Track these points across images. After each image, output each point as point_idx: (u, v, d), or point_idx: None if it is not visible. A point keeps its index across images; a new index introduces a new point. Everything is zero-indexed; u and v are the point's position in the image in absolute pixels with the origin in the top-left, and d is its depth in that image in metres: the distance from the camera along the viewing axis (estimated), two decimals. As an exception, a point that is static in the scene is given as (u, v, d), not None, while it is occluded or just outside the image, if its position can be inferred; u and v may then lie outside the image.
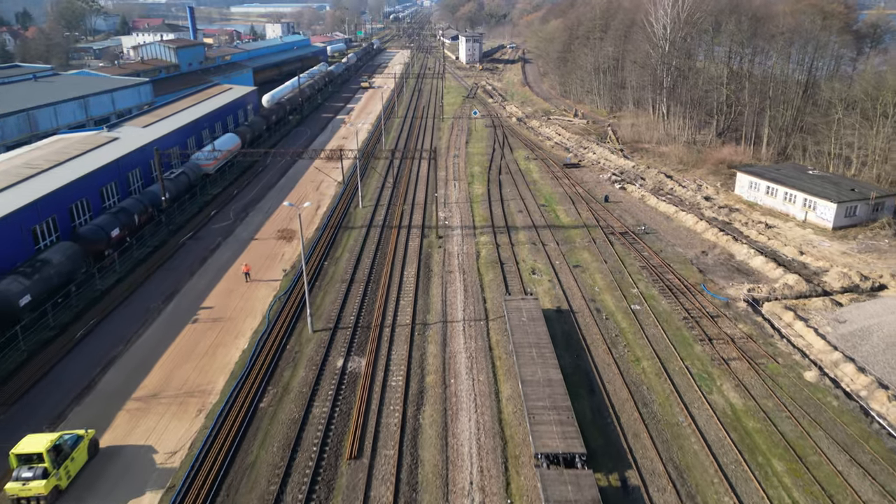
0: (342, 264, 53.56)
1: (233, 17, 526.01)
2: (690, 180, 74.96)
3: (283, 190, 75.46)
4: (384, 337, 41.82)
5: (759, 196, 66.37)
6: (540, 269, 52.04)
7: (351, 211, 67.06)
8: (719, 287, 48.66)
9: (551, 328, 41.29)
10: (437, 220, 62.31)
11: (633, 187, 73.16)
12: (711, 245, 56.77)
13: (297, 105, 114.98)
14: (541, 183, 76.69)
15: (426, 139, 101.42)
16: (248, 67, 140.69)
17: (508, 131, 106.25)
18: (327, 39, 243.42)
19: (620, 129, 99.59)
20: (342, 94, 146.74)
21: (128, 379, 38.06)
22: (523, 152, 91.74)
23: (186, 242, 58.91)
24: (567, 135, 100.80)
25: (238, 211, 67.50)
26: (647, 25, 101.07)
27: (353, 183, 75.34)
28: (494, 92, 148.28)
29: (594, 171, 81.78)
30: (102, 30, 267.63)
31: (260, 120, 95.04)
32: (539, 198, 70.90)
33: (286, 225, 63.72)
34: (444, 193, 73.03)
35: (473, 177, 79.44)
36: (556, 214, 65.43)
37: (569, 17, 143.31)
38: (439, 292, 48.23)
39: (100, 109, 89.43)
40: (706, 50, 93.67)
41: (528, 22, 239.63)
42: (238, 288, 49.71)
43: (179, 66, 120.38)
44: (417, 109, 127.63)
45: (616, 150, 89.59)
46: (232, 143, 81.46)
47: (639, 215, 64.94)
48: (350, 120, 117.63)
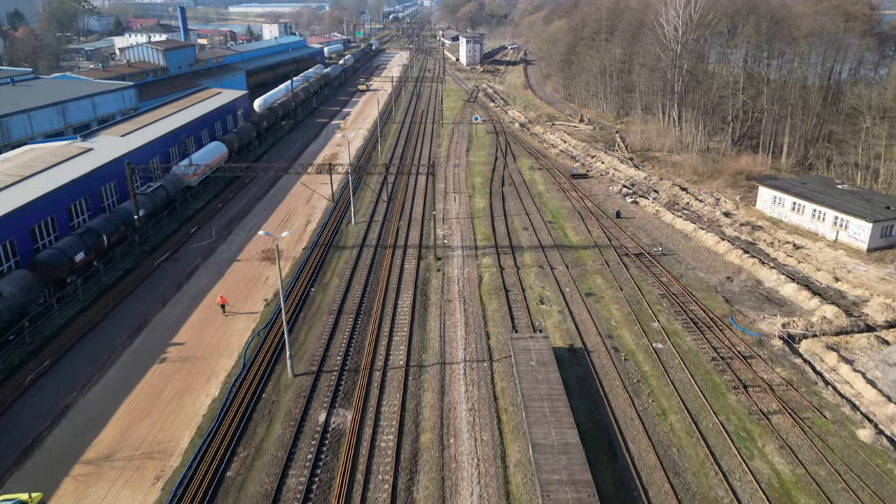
0: (331, 291, 48.56)
1: (231, 16, 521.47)
2: (707, 193, 69.96)
3: (272, 202, 70.52)
4: (374, 383, 36.84)
5: (783, 212, 61.39)
6: (549, 297, 47.06)
7: (343, 228, 62.06)
8: (749, 320, 43.68)
9: (564, 372, 36.35)
10: (436, 238, 57.34)
11: (646, 201, 68.17)
12: (736, 269, 51.77)
13: (290, 110, 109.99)
14: (547, 196, 71.70)
15: (425, 147, 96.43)
16: (240, 70, 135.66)
17: (511, 138, 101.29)
18: (325, 40, 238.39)
19: (629, 136, 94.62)
20: (338, 97, 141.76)
21: (79, 435, 33.10)
22: (527, 161, 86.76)
23: (162, 265, 53.93)
24: (573, 142, 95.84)
25: (221, 228, 62.51)
26: (657, 27, 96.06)
27: (347, 196, 70.35)
28: (496, 95, 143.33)
29: (603, 182, 76.78)
30: (96, 30, 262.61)
31: (249, 127, 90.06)
32: (545, 213, 65.93)
33: (272, 244, 58.71)
34: (443, 208, 68.04)
35: (475, 189, 74.46)
36: (565, 232, 60.44)
37: (573, 18, 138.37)
38: (437, 326, 43.26)
39: (79, 116, 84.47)
40: (720, 53, 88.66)
41: (531, 23, 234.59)
42: (214, 320, 44.74)
43: (168, 68, 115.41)
44: (416, 114, 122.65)
45: (625, 160, 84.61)
46: (217, 152, 76.46)
47: (654, 233, 59.96)
48: (345, 126, 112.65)
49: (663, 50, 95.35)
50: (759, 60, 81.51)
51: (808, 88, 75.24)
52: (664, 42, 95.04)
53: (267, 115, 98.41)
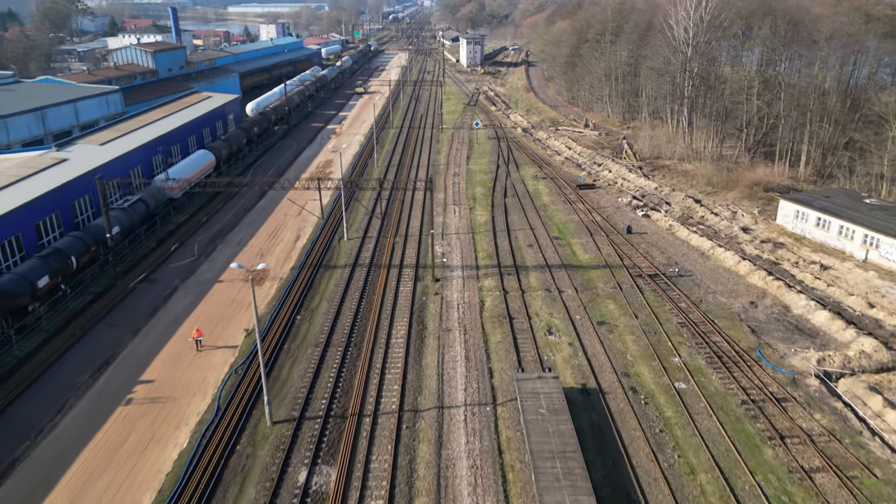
0: (318, 319, 44.42)
1: (229, 17, 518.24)
2: (723, 206, 65.79)
3: (261, 215, 66.41)
4: (363, 432, 32.69)
5: (807, 228, 57.23)
6: (557, 326, 42.93)
7: (335, 244, 57.90)
8: (779, 355, 39.54)
9: (577, 418, 32.25)
10: (434, 256, 53.22)
11: (658, 215, 64.01)
12: (760, 293, 47.61)
13: (284, 114, 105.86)
14: (552, 208, 67.55)
15: (423, 154, 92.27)
16: (234, 72, 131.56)
17: (513, 144, 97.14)
18: (323, 41, 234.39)
19: (637, 143, 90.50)
20: (335, 100, 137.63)
21: (24, 500, 28.97)
22: (531, 170, 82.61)
23: (137, 287, 49.81)
24: (578, 149, 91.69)
25: (204, 244, 58.37)
26: (666, 29, 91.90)
27: (339, 209, 66.24)
28: (497, 98, 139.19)
29: (611, 193, 72.61)
30: (90, 31, 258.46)
31: (239, 133, 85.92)
32: (551, 227, 61.78)
33: (259, 262, 54.57)
34: (442, 221, 63.89)
35: (476, 200, 70.30)
36: (573, 250, 56.28)
37: (577, 19, 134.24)
38: (435, 361, 39.12)
39: (60, 122, 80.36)
40: (734, 56, 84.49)
41: (532, 23, 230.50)
42: (189, 352, 40.62)
43: (157, 71, 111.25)
44: (415, 118, 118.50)
45: (634, 168, 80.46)
46: (204, 161, 72.37)
47: (668, 251, 55.80)
48: (341, 131, 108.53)
49: (673, 52, 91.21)
50: (775, 64, 77.30)
51: (828, 93, 71.01)
52: (674, 44, 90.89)
53: (259, 121, 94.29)
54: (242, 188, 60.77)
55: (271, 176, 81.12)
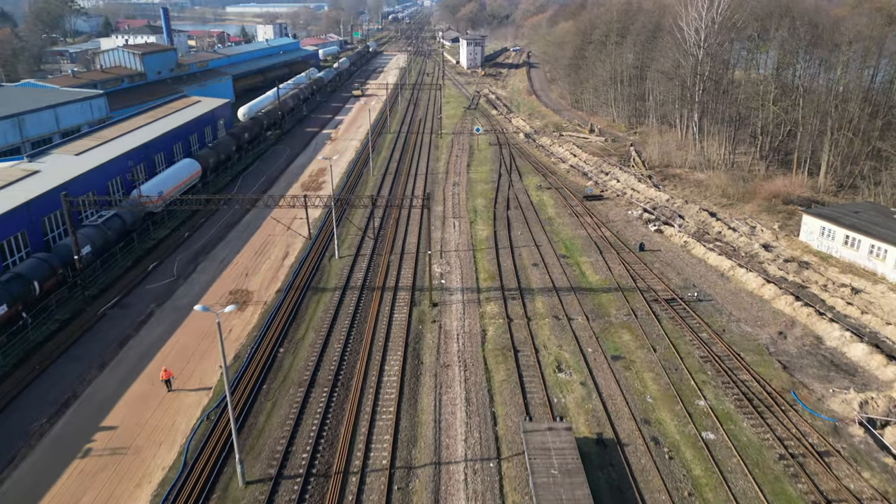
0: (303, 352, 40.34)
1: (228, 17, 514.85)
2: (740, 220, 61.70)
3: (248, 229, 62.34)
4: (348, 495, 28.60)
5: (834, 246, 53.14)
6: (567, 361, 38.85)
7: (325, 263, 53.81)
8: (816, 396, 35.46)
9: (593, 478, 28.23)
10: (432, 276, 49.16)
11: (672, 230, 59.92)
12: (788, 321, 43.52)
13: (277, 119, 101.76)
14: (558, 222, 63.45)
15: (421, 161, 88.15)
16: (227, 75, 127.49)
17: (516, 151, 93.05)
18: (320, 41, 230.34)
19: (645, 150, 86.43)
20: (331, 103, 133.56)
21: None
22: (534, 179, 78.51)
23: (108, 313, 45.76)
24: (584, 156, 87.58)
25: (185, 263, 54.29)
26: (675, 30, 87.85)
27: (331, 224, 62.19)
28: (498, 102, 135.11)
29: (620, 205, 68.51)
30: (85, 31, 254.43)
31: (228, 140, 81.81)
32: (557, 243, 57.69)
33: (242, 283, 50.60)
34: (440, 237, 59.81)
35: (476, 213, 66.19)
36: (582, 269, 52.17)
37: (580, 20, 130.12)
38: (431, 403, 35.05)
39: (39, 129, 76.23)
40: (748, 59, 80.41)
41: (534, 24, 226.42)
42: (158, 391, 36.55)
43: (145, 74, 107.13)
44: (413, 123, 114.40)
45: (643, 177, 76.35)
46: (188, 171, 68.30)
47: (685, 271, 51.71)
48: (337, 136, 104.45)
49: (682, 55, 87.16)
50: (793, 68, 73.19)
51: (851, 99, 66.90)
52: (684, 47, 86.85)
53: (250, 126, 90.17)
54: (221, 206, 56.25)
55: (262, 185, 77.21)
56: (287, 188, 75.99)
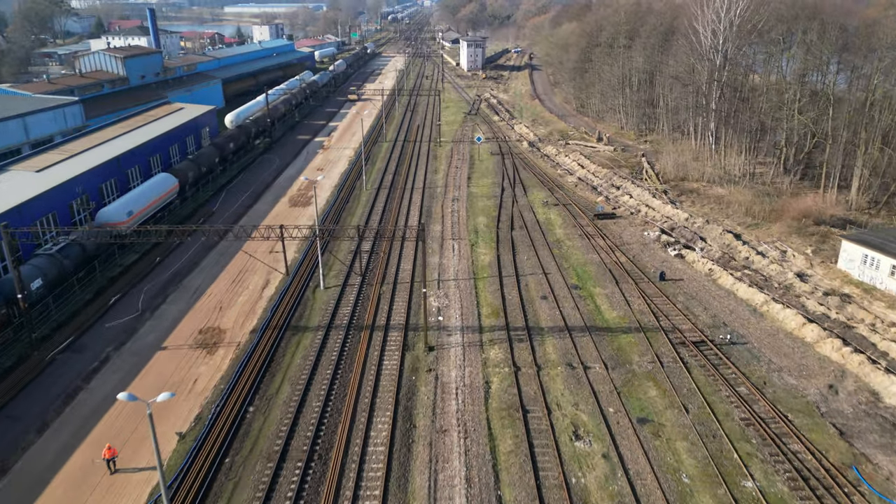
0: (276, 412, 34.61)
1: (226, 17, 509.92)
2: (769, 243, 55.96)
3: (227, 253, 56.62)
4: None
5: (879, 277, 47.40)
6: (586, 425, 33.14)
7: (308, 296, 48.09)
8: (884, 474, 29.74)
9: None
10: (428, 313, 43.53)
11: (694, 255, 54.21)
12: (837, 371, 37.82)
13: (266, 127, 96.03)
14: (567, 244, 57.73)
15: (419, 174, 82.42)
16: (216, 79, 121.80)
17: (519, 161, 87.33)
18: (317, 43, 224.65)
19: (659, 161, 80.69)
20: (325, 108, 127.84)
21: None
22: (540, 193, 72.76)
23: (58, 358, 40.08)
24: (592, 167, 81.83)
25: (152, 295, 48.61)
26: (690, 33, 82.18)
27: (315, 252, 56.52)
28: (500, 107, 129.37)
29: (635, 224, 62.80)
30: (76, 32, 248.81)
31: (211, 151, 76.13)
32: (568, 270, 51.98)
33: (215, 318, 44.96)
34: (438, 262, 54.11)
35: (478, 234, 60.48)
36: (596, 303, 46.46)
37: (586, 22, 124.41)
38: (425, 485, 29.32)
39: (6, 140, 70.38)
40: (769, 65, 74.73)
41: (536, 25, 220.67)
42: (102, 465, 30.83)
43: (127, 79, 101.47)
44: (410, 130, 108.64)
45: (658, 193, 70.63)
46: (164, 187, 62.63)
47: (712, 305, 45.99)
48: (330, 144, 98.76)
49: (698, 60, 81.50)
50: (823, 74, 67.46)
51: (888, 109, 61.14)
52: (699, 50, 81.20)
53: (235, 135, 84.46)
54: (186, 238, 49.87)
55: (246, 200, 71.52)
56: (273, 204, 70.34)
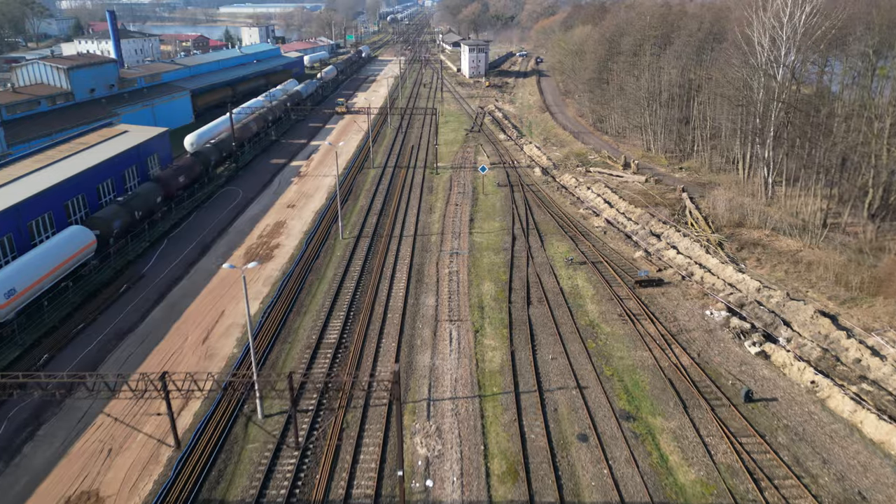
0: None
1: (220, 17, 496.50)
2: (881, 334, 40.97)
3: (150, 338, 41.95)
4: None
5: None
6: None
7: (236, 439, 33.20)
8: None
9: None
10: (412, 467, 28.69)
11: (783, 353, 39.30)
12: None
13: (230, 151, 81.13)
14: (605, 331, 42.81)
15: (409, 214, 67.43)
16: (184, 90, 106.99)
17: (532, 196, 72.38)
18: (308, 46, 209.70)
19: (705, 199, 65.77)
20: (309, 123, 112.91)
21: None
22: (561, 245, 57.82)
23: None
24: (622, 205, 66.85)
25: (15, 429, 33.78)
26: (742, 41, 67.22)
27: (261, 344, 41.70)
28: (506, 121, 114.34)
29: (690, 296, 47.83)
30: (54, 34, 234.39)
31: (151, 189, 61.28)
32: (612, 382, 37.08)
33: (94, 479, 30.16)
34: (429, 364, 39.22)
35: (484, 311, 45.56)
36: (661, 452, 31.50)
37: (604, 26, 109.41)
38: None
39: None
40: (859, 84, 59.73)
41: (544, 28, 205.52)
42: None
43: (73, 93, 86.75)
44: (403, 153, 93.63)
45: (712, 245, 55.70)
46: (73, 246, 47.85)
47: (833, 456, 31.03)
48: (307, 170, 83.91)
49: (752, 74, 66.51)
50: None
51: None
52: (753, 63, 66.21)
53: (188, 166, 69.56)
54: (10, 394, 33.57)
55: (190, 253, 56.74)
56: (224, 258, 55.49)
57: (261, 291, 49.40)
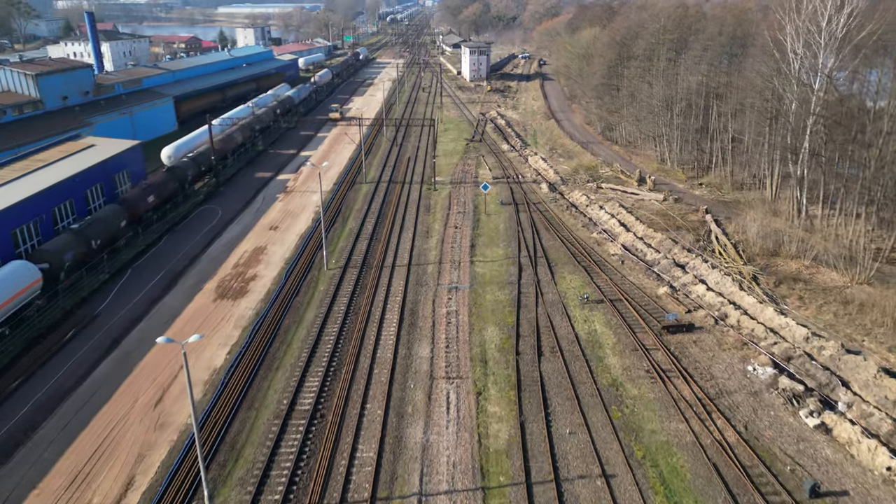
0: None
1: (218, 17, 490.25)
2: (962, 400, 34.41)
3: (79, 420, 35.52)
4: None
5: None
6: None
7: None
8: None
9: None
10: None
11: (848, 427, 32.70)
12: None
13: (210, 165, 74.60)
14: (632, 394, 36.22)
15: (404, 238, 60.90)
16: (166, 96, 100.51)
17: (539, 216, 65.80)
18: (304, 48, 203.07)
19: (733, 223, 59.21)
20: (300, 131, 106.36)
21: None
22: (575, 279, 51.20)
23: None
24: (640, 228, 60.29)
25: None
26: (772, 46, 60.69)
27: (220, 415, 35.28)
28: (509, 129, 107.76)
29: (727, 344, 41.24)
30: (43, 35, 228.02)
31: (114, 212, 54.78)
32: (644, 466, 30.54)
33: None
34: (421, 440, 32.63)
35: (487, 366, 38.97)
36: (711, 572, 24.98)
37: (615, 29, 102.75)
38: None
39: None
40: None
41: (548, 30, 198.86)
42: None
43: (42, 101, 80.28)
44: (398, 166, 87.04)
45: (745, 279, 49.10)
46: (14, 285, 41.31)
47: (931, 580, 24.51)
48: (295, 185, 77.40)
49: (784, 83, 59.96)
50: None
51: None
52: (785, 70, 59.68)
53: (159, 184, 63.05)
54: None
55: (156, 287, 50.20)
56: (191, 295, 49.02)
57: (230, 337, 42.88)
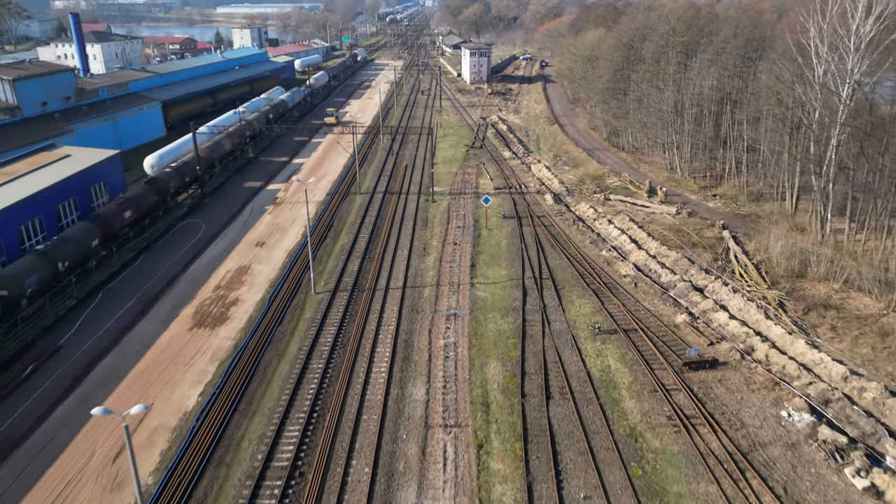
0: None
1: (216, 17, 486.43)
2: None
3: (48, 453, 31.34)
4: None
5: None
6: None
7: None
8: None
9: None
10: None
11: (903, 490, 28.57)
12: None
13: (195, 176, 70.45)
14: (653, 446, 32.04)
15: (399, 256, 56.72)
16: (153, 101, 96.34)
17: (544, 231, 61.61)
18: (301, 49, 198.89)
19: (753, 240, 55.03)
20: (294, 136, 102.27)
21: None
22: (584, 304, 47.00)
23: None
24: (653, 245, 56.10)
25: None
26: (794, 51, 56.49)
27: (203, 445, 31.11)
28: (511, 134, 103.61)
29: (756, 384, 37.04)
30: (36, 36, 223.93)
31: (85, 230, 50.62)
32: (669, 539, 26.35)
33: None
34: (415, 505, 28.51)
35: (489, 411, 34.79)
36: None
37: (621, 30, 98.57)
38: None
39: None
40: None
41: (550, 31, 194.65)
42: None
43: (19, 107, 76.18)
44: (395, 175, 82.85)
45: (771, 305, 44.90)
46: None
47: None
48: (286, 196, 73.26)
49: (808, 90, 55.76)
50: None
51: None
52: (809, 77, 55.50)
53: (138, 198, 58.88)
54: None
55: (127, 314, 46.01)
56: (167, 321, 44.93)
57: (204, 373, 38.73)
